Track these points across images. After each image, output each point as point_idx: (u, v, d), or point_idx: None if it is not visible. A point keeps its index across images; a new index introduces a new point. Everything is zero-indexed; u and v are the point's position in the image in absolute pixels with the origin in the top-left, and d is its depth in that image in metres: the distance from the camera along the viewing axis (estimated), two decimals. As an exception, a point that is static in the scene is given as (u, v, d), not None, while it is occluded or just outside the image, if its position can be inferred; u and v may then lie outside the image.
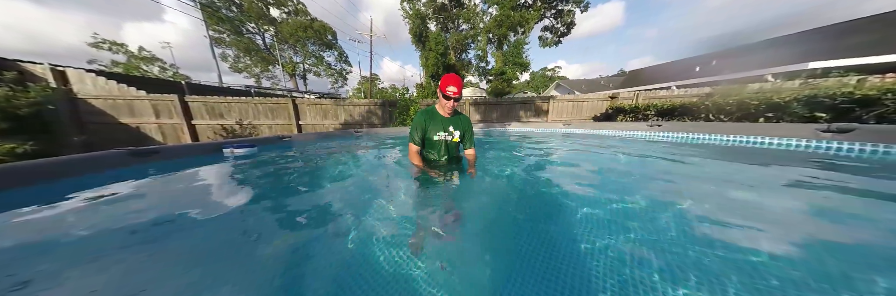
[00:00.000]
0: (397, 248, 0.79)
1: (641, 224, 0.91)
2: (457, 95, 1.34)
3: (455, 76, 1.32)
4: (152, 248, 0.86)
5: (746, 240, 0.79)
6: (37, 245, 0.88)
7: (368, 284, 0.63)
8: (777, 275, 0.60)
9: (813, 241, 0.79)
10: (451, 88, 1.31)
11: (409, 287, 0.61)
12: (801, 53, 9.17)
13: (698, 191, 1.35)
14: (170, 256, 0.81)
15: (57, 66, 4.75)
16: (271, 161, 2.36)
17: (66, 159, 1.66)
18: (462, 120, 1.56)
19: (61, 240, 0.92)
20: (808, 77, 3.58)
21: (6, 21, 77.89)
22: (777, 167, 1.73)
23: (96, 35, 18.36)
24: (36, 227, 1.02)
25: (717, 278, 0.60)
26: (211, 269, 0.73)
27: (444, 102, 1.39)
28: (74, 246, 0.88)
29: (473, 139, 1.63)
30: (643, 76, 16.74)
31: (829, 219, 0.96)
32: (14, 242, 0.90)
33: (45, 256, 0.81)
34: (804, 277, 0.59)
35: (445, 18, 12.45)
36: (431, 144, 1.52)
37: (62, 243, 0.90)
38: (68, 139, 4.65)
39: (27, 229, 1.01)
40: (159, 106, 5.45)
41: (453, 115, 1.53)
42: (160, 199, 1.35)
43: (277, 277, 0.68)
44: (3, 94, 3.61)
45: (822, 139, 2.14)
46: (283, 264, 0.74)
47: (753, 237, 0.80)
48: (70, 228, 1.02)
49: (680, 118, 4.55)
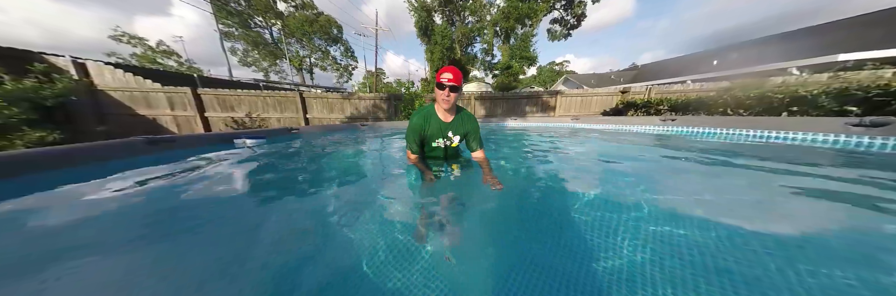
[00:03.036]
0: (402, 239, 0.79)
1: (651, 220, 0.86)
2: (452, 82, 1.16)
3: (453, 67, 1.21)
4: (167, 230, 0.93)
5: (772, 242, 0.70)
6: (60, 226, 0.97)
7: (374, 272, 0.64)
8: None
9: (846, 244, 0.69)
10: (446, 75, 1.16)
11: (413, 277, 0.62)
12: (829, 45, 8.68)
13: (711, 187, 1.28)
14: (184, 238, 0.87)
15: (77, 59, 4.94)
16: (281, 152, 2.45)
17: (90, 145, 1.78)
18: (464, 121, 1.36)
19: (86, 217, 1.01)
20: (839, 70, 3.40)
21: (26, 16, 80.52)
22: (806, 164, 1.57)
23: (117, 28, 18.84)
24: (64, 207, 1.12)
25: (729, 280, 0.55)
26: (219, 250, 0.77)
27: (439, 92, 1.22)
28: (96, 226, 0.97)
29: (481, 140, 1.40)
30: (656, 70, 16.18)
31: (864, 221, 0.86)
32: (36, 221, 1.00)
33: (70, 234, 0.90)
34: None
35: (451, 11, 12.22)
36: (430, 149, 1.42)
37: (87, 220, 0.99)
38: (91, 129, 4.89)
39: (58, 208, 1.11)
40: (174, 98, 5.63)
41: (455, 114, 1.35)
42: (175, 184, 1.44)
43: (281, 262, 0.70)
44: (33, 85, 3.80)
45: (852, 134, 2.03)
46: (288, 250, 0.76)
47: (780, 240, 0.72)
48: (94, 206, 1.12)
49: (695, 113, 4.42)
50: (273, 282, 0.62)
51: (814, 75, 3.58)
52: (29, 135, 3.52)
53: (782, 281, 0.55)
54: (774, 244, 0.71)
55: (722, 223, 0.83)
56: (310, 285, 0.61)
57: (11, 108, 3.44)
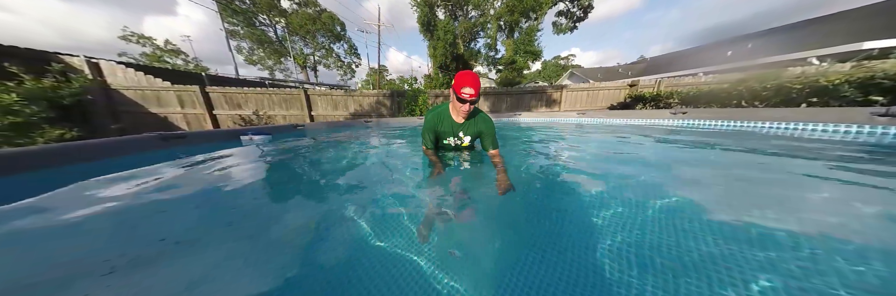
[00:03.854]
0: (407, 232, 0.80)
1: (662, 217, 0.83)
2: (473, 97, 1.13)
3: (472, 74, 1.12)
4: (177, 223, 0.97)
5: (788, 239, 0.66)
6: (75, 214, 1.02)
7: (378, 265, 0.65)
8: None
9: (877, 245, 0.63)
10: (467, 90, 1.11)
11: (417, 270, 0.62)
12: (853, 32, 8.24)
13: (724, 180, 1.24)
14: (198, 229, 0.91)
15: (91, 59, 5.08)
16: (287, 147, 2.50)
17: (105, 142, 1.85)
18: (477, 122, 1.36)
19: (102, 210, 1.06)
20: (863, 58, 3.24)
21: (39, 16, 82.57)
22: (827, 158, 1.49)
23: (126, 28, 19.22)
24: (85, 198, 1.18)
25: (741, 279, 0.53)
26: (229, 243, 0.79)
27: (459, 105, 1.18)
28: (113, 215, 1.02)
29: (496, 140, 1.37)
30: (666, 62, 15.69)
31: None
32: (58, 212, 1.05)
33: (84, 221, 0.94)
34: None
35: (454, 5, 12.01)
36: (442, 146, 1.51)
37: (103, 213, 1.04)
38: (106, 127, 5.06)
39: (78, 200, 1.16)
40: (183, 96, 5.76)
41: (469, 118, 1.34)
42: (186, 178, 1.49)
43: (287, 254, 0.71)
44: (51, 84, 3.94)
45: (877, 125, 1.95)
46: (294, 243, 0.77)
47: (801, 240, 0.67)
48: (111, 199, 1.17)
49: (707, 105, 4.29)
50: (279, 273, 0.63)
51: (836, 65, 3.42)
52: (49, 132, 3.67)
53: (815, 278, 0.52)
54: (798, 242, 0.67)
55: (750, 223, 0.77)
56: (314, 275, 0.62)
57: (32, 107, 3.58)
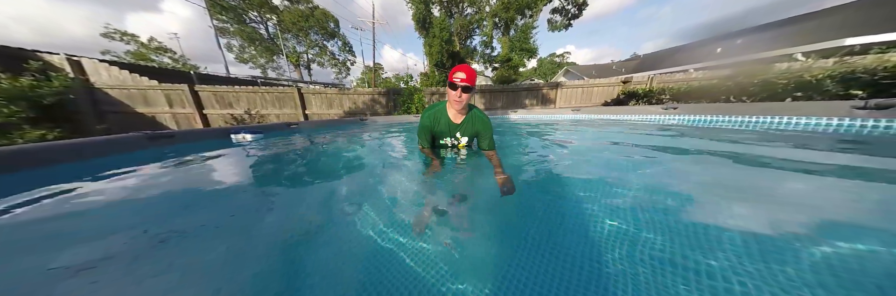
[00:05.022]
0: (402, 225, 0.80)
1: (655, 210, 0.84)
2: (465, 83, 1.16)
3: (467, 65, 1.19)
4: (164, 223, 0.93)
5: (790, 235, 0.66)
6: (63, 216, 0.98)
7: (373, 258, 0.66)
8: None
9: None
10: (459, 74, 1.16)
11: (413, 262, 0.62)
12: (836, 28, 8.45)
13: (716, 176, 1.25)
14: (184, 232, 0.88)
15: (72, 56, 4.89)
16: (280, 146, 2.45)
17: (92, 140, 1.78)
18: (474, 122, 1.36)
19: (87, 211, 1.02)
20: (845, 54, 3.34)
21: (14, 13, 79.03)
22: (810, 148, 1.58)
23: (108, 25, 18.54)
24: (67, 199, 1.13)
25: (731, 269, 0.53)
26: (221, 243, 0.78)
27: (451, 92, 1.21)
28: (96, 217, 0.98)
29: (493, 140, 1.38)
30: (658, 59, 15.88)
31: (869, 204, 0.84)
32: (44, 214, 1.00)
33: (72, 222, 0.90)
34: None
35: (450, 2, 11.92)
36: (438, 145, 1.52)
37: (88, 213, 1.00)
38: (90, 127, 4.89)
39: (63, 201, 1.12)
40: (172, 96, 5.60)
41: (466, 115, 1.35)
42: (174, 179, 1.44)
43: (281, 250, 0.71)
44: (28, 83, 3.78)
45: (856, 117, 2.04)
46: (288, 240, 0.77)
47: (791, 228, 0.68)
48: (95, 201, 1.12)
49: (697, 101, 4.38)
50: (273, 271, 0.63)
51: (820, 61, 3.51)
52: (30, 133, 3.53)
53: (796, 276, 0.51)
54: (787, 236, 0.68)
55: (736, 215, 0.77)
56: (309, 272, 0.62)
57: (10, 106, 3.43)
